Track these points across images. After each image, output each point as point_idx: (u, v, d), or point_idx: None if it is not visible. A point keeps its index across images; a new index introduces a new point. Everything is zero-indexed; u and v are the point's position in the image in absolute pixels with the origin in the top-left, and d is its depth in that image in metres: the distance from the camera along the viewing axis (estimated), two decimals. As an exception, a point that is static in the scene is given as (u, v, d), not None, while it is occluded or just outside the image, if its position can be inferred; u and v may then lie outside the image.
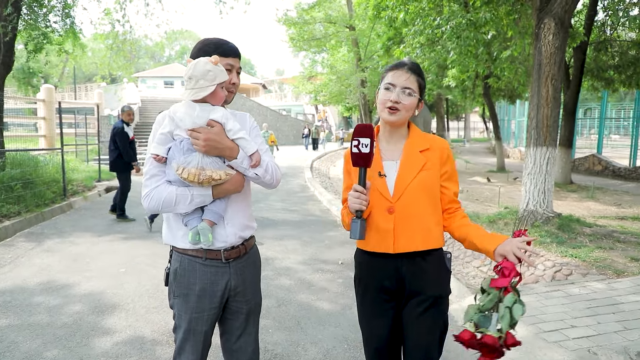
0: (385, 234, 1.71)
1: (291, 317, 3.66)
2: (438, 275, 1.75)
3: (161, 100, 30.61)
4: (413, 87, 1.70)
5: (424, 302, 1.71)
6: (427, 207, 1.72)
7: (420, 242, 1.71)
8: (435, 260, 1.75)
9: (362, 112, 21.13)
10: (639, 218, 6.94)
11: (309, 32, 22.48)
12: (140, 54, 36.19)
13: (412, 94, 1.71)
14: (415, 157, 1.74)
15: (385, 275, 1.75)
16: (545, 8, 5.56)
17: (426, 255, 1.72)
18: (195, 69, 1.64)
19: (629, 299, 3.72)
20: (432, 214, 1.73)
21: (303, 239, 6.26)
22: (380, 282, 1.76)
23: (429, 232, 1.71)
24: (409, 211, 1.70)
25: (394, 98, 1.69)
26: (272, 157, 1.87)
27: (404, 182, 1.70)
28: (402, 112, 1.70)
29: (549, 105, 5.66)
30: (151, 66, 59.21)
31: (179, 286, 1.78)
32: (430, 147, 1.76)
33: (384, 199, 1.71)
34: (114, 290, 4.21)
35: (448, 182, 1.78)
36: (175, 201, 1.69)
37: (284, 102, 47.34)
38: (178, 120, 1.70)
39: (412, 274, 1.72)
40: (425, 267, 1.72)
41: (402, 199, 1.70)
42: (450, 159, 1.78)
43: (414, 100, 1.72)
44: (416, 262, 1.72)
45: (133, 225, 7.07)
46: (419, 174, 1.71)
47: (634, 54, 10.21)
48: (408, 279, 1.72)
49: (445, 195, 1.78)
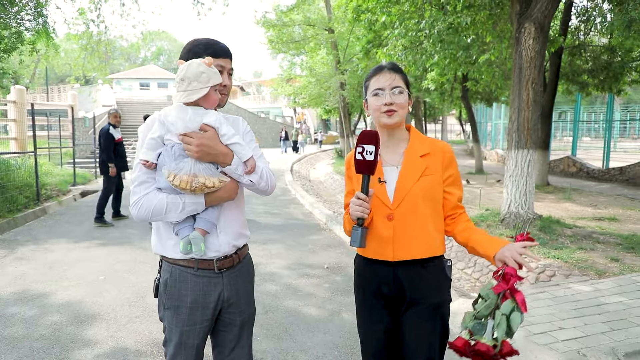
0: (384, 242, 1.68)
1: (279, 324, 3.59)
2: (438, 283, 1.71)
3: (137, 102, 30.08)
4: (401, 85, 1.69)
5: (424, 310, 1.68)
6: (427, 214, 1.68)
7: (420, 250, 1.67)
8: (435, 268, 1.71)
9: (342, 115, 21.12)
10: (616, 219, 7.11)
11: (288, 35, 22.37)
12: (115, 55, 35.37)
13: (403, 91, 1.69)
14: (415, 163, 1.70)
15: (384, 282, 1.73)
16: (525, 13, 5.64)
17: (426, 263, 1.69)
18: (188, 70, 1.57)
19: (612, 299, 3.79)
20: (432, 221, 1.69)
21: (287, 242, 6.18)
22: (380, 288, 1.74)
23: (428, 240, 1.68)
24: (408, 218, 1.66)
25: (387, 100, 1.67)
26: (267, 163, 1.80)
27: (404, 189, 1.67)
28: (399, 111, 1.69)
29: (530, 108, 5.75)
30: (126, 67, 58.04)
31: (170, 298, 1.70)
32: (431, 152, 1.72)
33: (383, 206, 1.68)
34: (93, 299, 4.06)
35: (451, 187, 1.73)
36: (166, 209, 1.61)
37: (262, 104, 47.07)
38: (169, 124, 1.61)
39: (411, 281, 1.69)
40: (425, 275, 1.69)
41: (402, 205, 1.66)
42: (452, 162, 1.74)
43: (406, 97, 1.71)
44: (416, 269, 1.69)
45: (111, 231, 6.87)
46: (420, 180, 1.67)
47: (606, 59, 10.50)
48: (407, 287, 1.69)
49: (449, 200, 1.73)
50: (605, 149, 12.64)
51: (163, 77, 46.94)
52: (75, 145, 13.33)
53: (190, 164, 1.58)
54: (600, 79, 10.49)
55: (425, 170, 1.69)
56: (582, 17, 10.35)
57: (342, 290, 4.34)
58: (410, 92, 1.74)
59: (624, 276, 4.36)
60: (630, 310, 3.54)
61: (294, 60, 28.76)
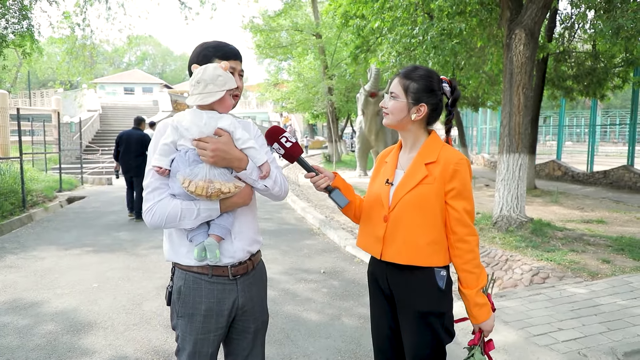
0: (376, 239, 1.74)
1: (280, 330, 3.57)
2: (425, 292, 1.67)
3: (122, 107, 29.77)
4: (395, 91, 1.71)
5: (410, 316, 1.70)
6: (417, 223, 1.64)
7: (405, 256, 1.66)
8: (423, 275, 1.67)
9: (330, 120, 21.20)
10: (603, 221, 7.25)
11: (276, 40, 22.43)
12: (99, 60, 34.90)
13: (396, 98, 1.70)
14: (418, 170, 1.69)
15: (379, 278, 1.80)
16: (516, 19, 5.75)
17: (414, 270, 1.68)
18: (204, 73, 1.56)
19: (607, 300, 3.85)
20: (423, 230, 1.63)
21: (281, 248, 6.16)
22: (379, 283, 1.81)
23: (415, 249, 1.64)
24: (400, 223, 1.67)
25: (382, 103, 1.76)
26: (279, 167, 1.80)
27: (400, 193, 1.69)
28: (390, 115, 1.73)
29: (521, 113, 5.84)
30: (110, 72, 57.35)
31: (184, 306, 1.67)
32: (437, 160, 1.67)
33: (382, 206, 1.73)
34: (88, 307, 3.98)
35: (454, 201, 1.64)
36: (180, 216, 1.59)
37: (248, 109, 46.93)
38: (183, 129, 1.60)
39: (398, 284, 1.72)
40: (412, 281, 1.68)
41: (396, 210, 1.69)
42: (458, 174, 1.63)
43: (398, 104, 1.69)
44: (403, 273, 1.70)
45: (102, 237, 6.76)
46: (416, 188, 1.66)
47: (590, 65, 10.74)
48: (394, 289, 1.74)
49: (452, 216, 1.64)
50: (589, 153, 12.89)
51: (148, 81, 46.54)
52: (61, 151, 13.10)
53: (205, 169, 1.56)
54: (585, 84, 10.72)
55: (425, 178, 1.65)
56: (565, 24, 10.58)
57: (341, 295, 4.34)
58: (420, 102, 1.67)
59: (616, 277, 4.45)
60: (625, 311, 3.61)
61: (281, 65, 28.83)
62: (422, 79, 1.69)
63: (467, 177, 1.66)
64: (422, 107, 1.69)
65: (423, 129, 1.76)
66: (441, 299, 1.68)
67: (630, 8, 4.80)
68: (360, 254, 5.62)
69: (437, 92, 1.70)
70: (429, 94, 1.69)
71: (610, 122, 28.26)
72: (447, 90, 1.72)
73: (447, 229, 1.66)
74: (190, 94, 1.60)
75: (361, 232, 1.86)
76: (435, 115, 1.74)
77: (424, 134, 1.76)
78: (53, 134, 17.02)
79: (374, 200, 1.79)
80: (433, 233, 1.65)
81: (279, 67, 29.27)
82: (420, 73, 1.70)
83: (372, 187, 1.86)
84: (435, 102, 1.71)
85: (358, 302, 4.15)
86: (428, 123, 1.76)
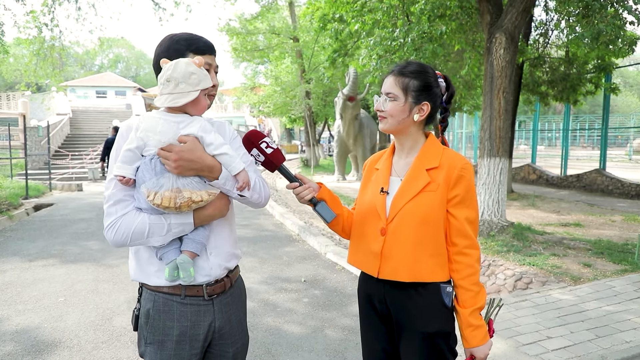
0: (372, 255, 1.56)
1: (260, 345, 3.38)
2: (430, 310, 1.50)
3: (93, 110, 28.97)
4: (393, 91, 1.53)
5: (415, 338, 1.51)
6: (420, 234, 1.49)
7: (406, 272, 1.49)
8: (428, 293, 1.50)
9: (308, 124, 21.05)
10: (580, 224, 7.31)
11: (252, 43, 22.17)
12: (69, 62, 33.79)
13: (395, 99, 1.52)
14: (418, 176, 1.52)
15: (376, 298, 1.60)
16: (496, 23, 5.74)
17: (418, 286, 1.51)
18: (175, 70, 1.36)
19: (592, 305, 3.81)
20: (426, 243, 1.49)
21: (260, 255, 5.97)
22: (373, 303, 1.62)
23: (416, 264, 1.48)
24: (401, 236, 1.50)
25: (376, 106, 1.58)
26: (258, 171, 1.60)
27: (399, 203, 1.52)
28: (389, 119, 1.55)
29: (501, 117, 5.82)
30: (81, 75, 55.86)
31: (153, 331, 1.47)
32: (439, 165, 1.51)
33: (378, 218, 1.56)
34: (52, 324, 3.71)
35: (456, 209, 1.49)
36: (148, 232, 1.40)
37: (224, 113, 46.38)
38: (144, 134, 1.40)
39: (398, 304, 1.54)
40: (416, 299, 1.51)
41: (395, 221, 1.52)
42: (463, 180, 1.50)
43: (397, 105, 1.52)
44: (405, 292, 1.52)
45: (70, 247, 6.42)
46: (418, 196, 1.50)
47: (563, 71, 10.93)
48: (393, 309, 1.56)
49: (453, 225, 1.50)
50: (563, 157, 13.12)
51: (121, 85, 45.49)
52: (28, 156, 12.56)
53: (172, 178, 1.37)
54: (559, 89, 10.89)
55: (428, 185, 1.50)
56: (540, 30, 10.74)
57: (323, 305, 4.18)
58: (421, 100, 1.53)
59: (599, 281, 4.43)
60: (611, 317, 3.57)
61: (258, 68, 28.56)
62: (420, 74, 1.53)
63: (471, 184, 1.52)
64: (424, 105, 1.53)
65: (422, 131, 1.60)
66: (448, 317, 1.52)
67: (608, 14, 4.83)
68: (342, 261, 5.48)
69: (435, 88, 1.55)
70: (430, 91, 1.54)
71: (580, 126, 29.05)
72: (442, 86, 1.58)
73: (447, 239, 1.52)
74: (159, 94, 1.40)
75: (353, 247, 1.67)
76: (434, 115, 1.59)
77: (423, 136, 1.61)
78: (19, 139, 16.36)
79: (368, 212, 1.60)
80: (437, 245, 1.50)
81: (255, 71, 28.99)
82: (417, 69, 1.54)
83: (364, 197, 1.67)
84: (435, 100, 1.55)
85: (341, 313, 4.00)
86: (426, 124, 1.61)
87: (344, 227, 1.70)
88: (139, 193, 1.40)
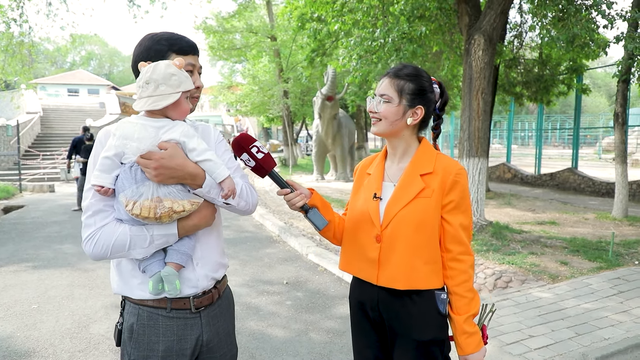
0: (370, 263, 1.54)
1: (244, 349, 3.32)
2: (425, 318, 1.49)
3: (65, 109, 28.15)
4: (388, 93, 1.50)
5: (409, 346, 1.50)
6: (415, 241, 1.47)
7: (402, 280, 1.47)
8: (423, 300, 1.49)
9: (286, 123, 20.96)
10: (555, 222, 7.48)
11: (229, 41, 21.94)
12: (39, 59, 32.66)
13: (389, 101, 1.50)
14: (412, 181, 1.51)
15: (369, 305, 1.58)
16: (475, 25, 5.80)
17: (412, 294, 1.49)
18: (154, 72, 1.30)
19: (570, 303, 3.89)
20: (421, 250, 1.47)
21: (240, 257, 5.89)
22: (365, 310, 1.60)
23: (412, 271, 1.47)
24: (396, 243, 1.49)
25: (370, 108, 1.55)
26: (245, 176, 1.56)
27: (393, 209, 1.50)
28: (382, 121, 1.52)
29: (480, 117, 5.90)
30: (52, 72, 54.23)
31: (137, 347, 1.41)
32: (433, 171, 1.50)
33: (373, 225, 1.53)
34: (25, 333, 3.56)
35: (451, 215, 1.48)
36: (129, 245, 1.33)
37: (201, 112, 45.84)
38: (123, 140, 1.33)
39: (392, 311, 1.52)
40: (410, 307, 1.49)
41: (390, 228, 1.50)
42: (458, 186, 1.49)
43: (391, 108, 1.50)
44: (400, 299, 1.50)
45: (42, 251, 6.20)
46: (413, 202, 1.48)
47: (537, 72, 11.17)
48: (386, 317, 1.54)
49: (447, 231, 1.48)
50: (537, 156, 13.43)
51: (94, 83, 44.36)
52: (-5, 156, 12.12)
53: (152, 187, 1.31)
54: (533, 90, 11.13)
55: (422, 191, 1.48)
56: (515, 32, 10.95)
57: (306, 307, 4.15)
58: (417, 104, 1.51)
59: (576, 279, 4.53)
60: (589, 314, 3.65)
61: (235, 67, 28.29)
62: (416, 78, 1.51)
63: (466, 189, 1.51)
64: (418, 109, 1.52)
65: (415, 136, 1.58)
66: (442, 325, 1.51)
67: (583, 17, 4.96)
68: (324, 263, 5.46)
69: (430, 94, 1.53)
70: (424, 96, 1.52)
71: (552, 126, 29.80)
72: (437, 92, 1.57)
73: (441, 246, 1.51)
74: (138, 97, 1.34)
75: (347, 254, 1.64)
76: (428, 120, 1.58)
77: (416, 141, 1.59)
78: (-14, 138, 15.77)
79: (360, 218, 1.58)
80: (431, 252, 1.49)
81: (232, 70, 28.73)
82: (412, 72, 1.52)
83: (356, 203, 1.64)
84: (429, 105, 1.54)
85: (325, 315, 3.98)
86: (419, 129, 1.59)
87: (335, 233, 1.67)
88: (119, 203, 1.33)
